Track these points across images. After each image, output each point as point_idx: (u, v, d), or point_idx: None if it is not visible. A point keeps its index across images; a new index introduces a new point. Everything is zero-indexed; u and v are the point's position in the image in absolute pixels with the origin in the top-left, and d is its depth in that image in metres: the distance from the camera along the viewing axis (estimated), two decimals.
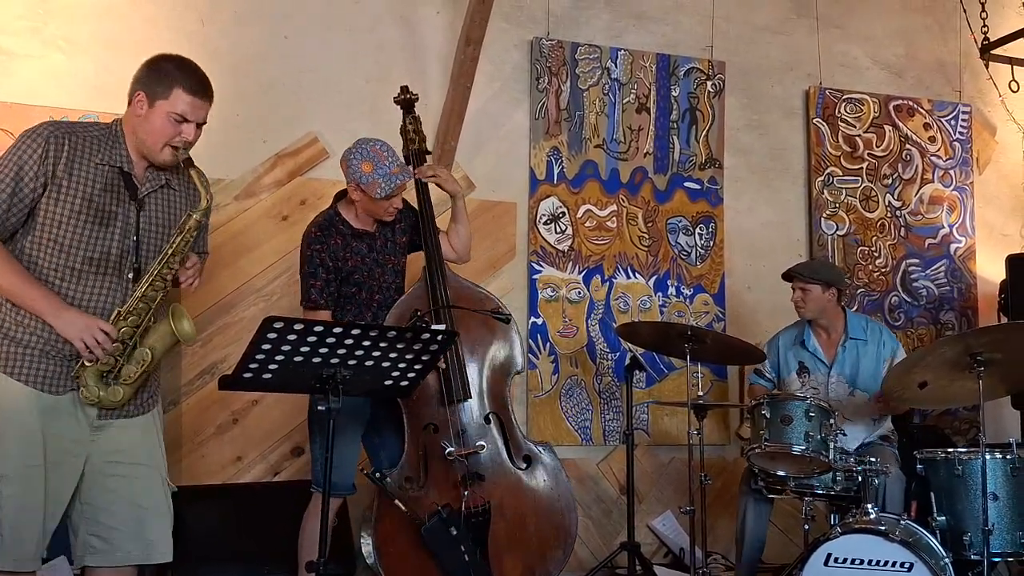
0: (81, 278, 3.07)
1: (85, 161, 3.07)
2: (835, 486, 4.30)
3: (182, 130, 3.12)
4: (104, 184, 3.09)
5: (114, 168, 3.12)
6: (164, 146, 3.12)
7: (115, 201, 3.11)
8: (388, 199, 3.93)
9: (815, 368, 4.88)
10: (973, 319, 6.47)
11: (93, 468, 3.11)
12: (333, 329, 3.02)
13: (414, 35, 5.41)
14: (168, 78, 3.11)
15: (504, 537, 4.01)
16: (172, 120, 3.10)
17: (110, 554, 3.14)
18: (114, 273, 3.11)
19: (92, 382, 3.05)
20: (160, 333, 3.16)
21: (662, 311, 5.79)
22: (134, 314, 3.09)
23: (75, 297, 3.07)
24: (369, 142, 3.93)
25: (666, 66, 5.91)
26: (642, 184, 5.81)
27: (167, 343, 3.17)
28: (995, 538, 3.93)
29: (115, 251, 3.10)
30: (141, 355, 3.12)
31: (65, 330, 3.01)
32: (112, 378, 3.08)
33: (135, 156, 3.17)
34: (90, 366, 3.04)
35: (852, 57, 6.44)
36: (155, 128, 3.11)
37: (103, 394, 3.06)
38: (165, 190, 3.24)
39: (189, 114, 3.12)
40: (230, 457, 4.92)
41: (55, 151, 3.02)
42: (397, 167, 3.91)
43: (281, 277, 5.03)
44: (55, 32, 4.74)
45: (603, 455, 5.64)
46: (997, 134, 6.77)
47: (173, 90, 3.10)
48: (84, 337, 3.00)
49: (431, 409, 4.02)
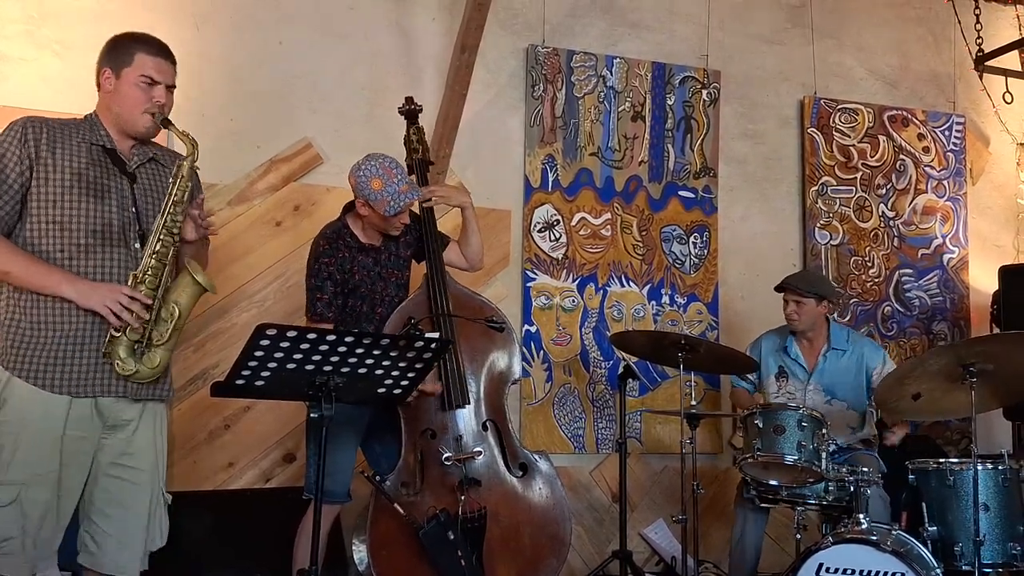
0: (88, 253, 3.07)
1: (67, 141, 3.11)
2: (827, 496, 4.31)
3: (153, 94, 3.17)
4: (90, 160, 3.12)
5: (96, 146, 3.15)
6: (141, 113, 3.16)
7: (105, 175, 3.14)
8: (396, 216, 3.94)
9: (794, 375, 4.90)
10: (966, 330, 6.47)
11: (99, 465, 3.13)
12: (326, 337, 3.01)
13: (409, 42, 5.41)
14: (128, 47, 3.19)
15: (499, 544, 4.02)
16: (142, 85, 3.15)
17: (99, 559, 3.15)
18: (120, 244, 3.12)
19: (125, 355, 3.04)
20: (181, 286, 3.15)
21: (656, 320, 5.79)
22: (150, 273, 3.08)
23: (87, 272, 3.06)
24: (378, 158, 3.93)
25: (661, 75, 5.91)
26: (637, 192, 5.81)
27: (191, 294, 3.16)
28: (986, 549, 3.95)
29: (116, 223, 3.11)
30: (169, 311, 3.12)
31: (87, 299, 3.00)
32: (144, 346, 3.08)
33: (116, 135, 3.20)
34: (119, 337, 3.03)
35: (847, 67, 6.45)
36: (127, 98, 3.16)
37: (139, 366, 3.06)
38: (153, 164, 3.28)
39: (156, 75, 3.17)
40: (222, 463, 4.90)
41: (34, 134, 3.06)
42: (406, 185, 3.91)
43: (274, 283, 5.02)
44: (49, 36, 4.74)
45: (596, 463, 5.63)
46: (991, 145, 6.79)
47: (135, 56, 3.17)
48: (108, 303, 2.99)
49: (429, 415, 4.04)
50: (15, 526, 2.97)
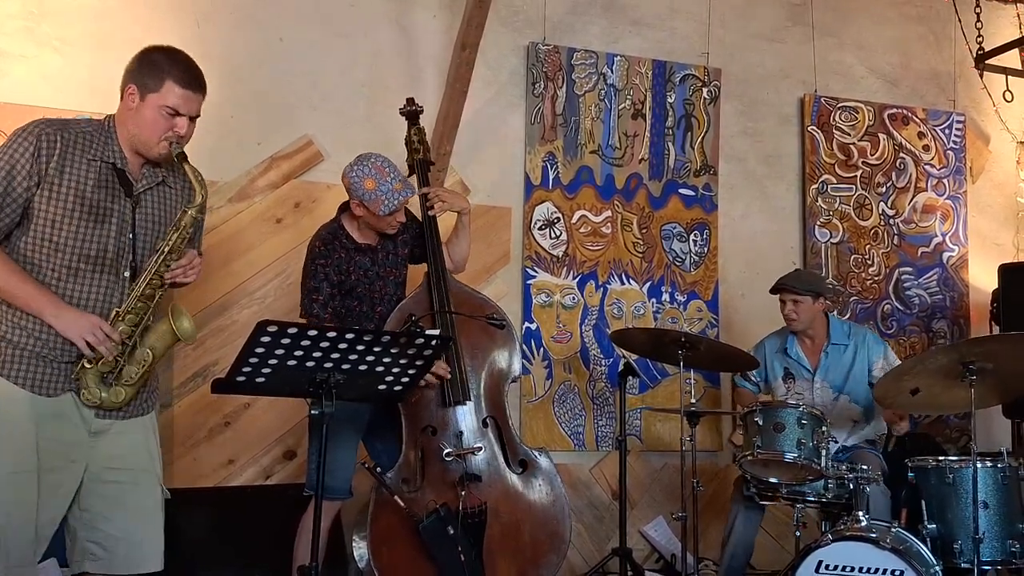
0: (78, 277, 3.03)
1: (77, 157, 3.02)
2: (827, 493, 4.32)
3: (175, 124, 3.07)
4: (97, 180, 3.05)
5: (107, 164, 3.07)
6: (159, 141, 3.07)
7: (109, 197, 3.07)
8: (392, 215, 3.94)
9: (800, 375, 4.90)
10: (965, 328, 6.48)
11: (92, 474, 3.06)
12: (327, 334, 3.01)
13: (410, 39, 5.41)
14: (159, 71, 3.06)
15: (498, 540, 4.03)
16: (164, 114, 3.05)
17: (110, 562, 3.09)
18: (111, 271, 3.07)
19: (93, 384, 3.02)
20: (160, 332, 3.13)
21: (656, 317, 5.80)
22: (132, 313, 3.06)
23: (72, 296, 3.03)
24: (370, 158, 3.93)
25: (662, 72, 5.91)
26: (637, 190, 5.81)
27: (167, 342, 3.14)
28: (985, 546, 3.95)
29: (111, 248, 3.06)
30: (142, 355, 3.09)
31: (67, 330, 2.97)
32: (113, 379, 3.05)
33: (128, 153, 3.12)
34: (91, 367, 3.01)
35: (847, 65, 6.45)
36: (147, 122, 3.06)
37: (105, 395, 3.03)
38: (161, 187, 3.20)
39: (181, 107, 3.07)
40: (222, 460, 4.90)
41: (47, 149, 2.98)
42: (400, 183, 3.92)
43: (275, 280, 5.02)
44: (49, 32, 4.73)
45: (596, 460, 5.64)
46: (991, 143, 6.79)
47: (164, 83, 3.05)
48: (86, 336, 2.96)
49: (429, 411, 4.05)
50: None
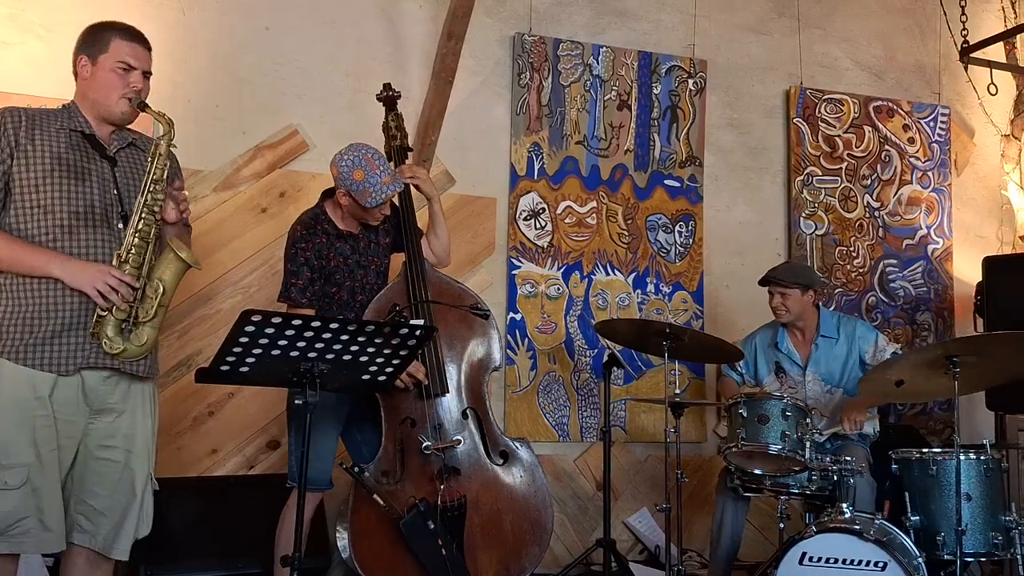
0: (72, 234, 3.10)
1: (45, 128, 3.15)
2: (810, 485, 4.32)
3: (130, 80, 3.20)
4: (69, 144, 3.15)
5: (75, 132, 3.18)
6: (118, 99, 3.19)
7: (85, 158, 3.17)
8: (378, 207, 3.93)
9: (791, 368, 4.90)
10: (949, 320, 6.51)
11: (86, 450, 3.15)
12: (311, 323, 3.01)
13: (396, 29, 5.39)
14: (103, 34, 3.23)
15: (480, 532, 4.02)
16: (118, 70, 3.19)
17: (94, 537, 3.18)
18: (103, 225, 3.15)
19: (113, 333, 3.08)
20: (165, 263, 3.18)
21: (641, 308, 5.80)
22: (133, 252, 3.12)
23: (71, 253, 3.09)
24: (360, 148, 3.91)
25: (648, 64, 5.91)
26: (622, 181, 5.81)
27: (175, 271, 3.19)
28: (968, 538, 3.95)
29: (98, 204, 3.14)
30: (154, 288, 3.15)
31: (76, 279, 3.04)
32: (131, 324, 3.12)
33: (94, 122, 3.23)
34: (105, 316, 3.06)
35: (833, 58, 6.46)
36: (104, 84, 3.20)
37: (127, 344, 3.10)
38: (132, 149, 3.31)
39: (132, 60, 3.21)
40: (206, 450, 4.89)
41: (13, 124, 3.10)
42: (388, 176, 3.90)
43: (259, 269, 5.01)
44: (33, 19, 4.70)
45: (580, 451, 5.64)
46: (975, 136, 6.81)
47: (111, 42, 3.20)
48: (97, 284, 3.03)
49: (408, 403, 4.02)
50: (30, 505, 3.02)
